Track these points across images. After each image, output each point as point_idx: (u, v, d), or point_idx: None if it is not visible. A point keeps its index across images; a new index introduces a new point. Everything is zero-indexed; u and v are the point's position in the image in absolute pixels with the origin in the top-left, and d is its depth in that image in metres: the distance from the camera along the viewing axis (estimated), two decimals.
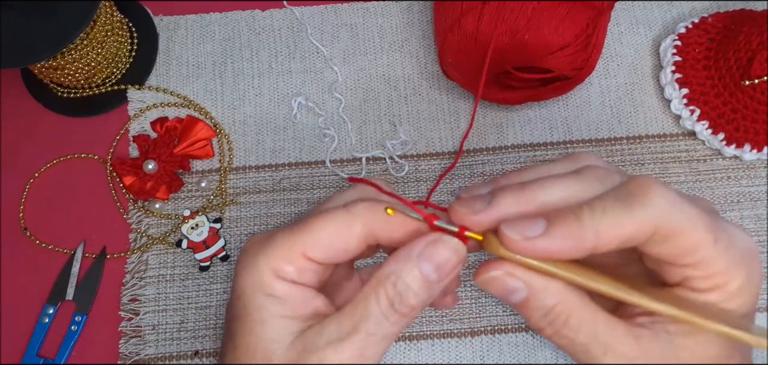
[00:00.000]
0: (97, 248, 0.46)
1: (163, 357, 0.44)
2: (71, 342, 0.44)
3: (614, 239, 0.27)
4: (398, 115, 0.50)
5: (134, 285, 0.45)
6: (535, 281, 0.28)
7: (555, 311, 0.29)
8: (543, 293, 0.28)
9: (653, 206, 0.27)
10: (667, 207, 0.27)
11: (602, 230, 0.27)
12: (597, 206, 0.27)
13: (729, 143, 0.47)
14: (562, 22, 0.43)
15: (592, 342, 0.29)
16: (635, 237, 0.27)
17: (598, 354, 0.29)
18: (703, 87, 0.48)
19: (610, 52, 0.51)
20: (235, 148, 0.49)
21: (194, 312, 0.45)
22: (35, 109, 0.50)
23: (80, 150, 0.49)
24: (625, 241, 0.27)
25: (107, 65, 0.49)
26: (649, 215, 0.27)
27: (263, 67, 0.51)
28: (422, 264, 0.29)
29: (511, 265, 0.28)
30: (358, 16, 0.52)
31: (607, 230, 0.27)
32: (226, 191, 0.48)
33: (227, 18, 0.52)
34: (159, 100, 0.50)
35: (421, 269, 0.29)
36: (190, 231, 0.46)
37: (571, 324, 0.29)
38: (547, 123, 0.49)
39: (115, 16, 0.48)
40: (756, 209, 0.47)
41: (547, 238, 0.27)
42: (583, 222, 0.27)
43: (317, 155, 0.49)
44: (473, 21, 0.44)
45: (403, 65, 0.51)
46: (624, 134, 0.49)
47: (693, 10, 0.52)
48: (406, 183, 0.48)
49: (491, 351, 0.44)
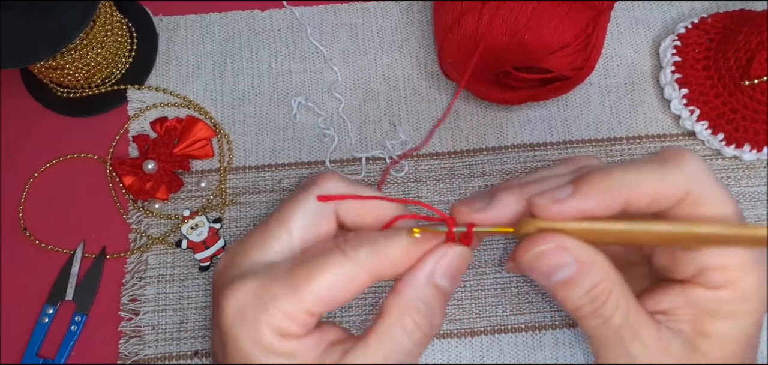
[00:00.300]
0: (97, 248, 0.46)
1: (163, 357, 0.44)
2: (71, 342, 0.44)
3: (646, 195, 0.27)
4: (398, 115, 0.50)
5: (134, 285, 0.45)
6: (584, 254, 0.28)
7: (599, 287, 0.28)
8: (591, 268, 0.28)
9: (687, 169, 0.27)
10: (700, 175, 0.28)
11: (635, 185, 0.27)
12: (629, 165, 0.28)
13: (728, 143, 0.47)
14: (562, 22, 0.43)
15: (624, 325, 0.28)
16: (667, 196, 0.27)
17: (627, 339, 0.28)
18: (702, 87, 0.48)
19: (609, 53, 0.51)
20: (235, 148, 0.49)
21: (194, 312, 0.45)
22: (35, 109, 0.50)
23: (80, 150, 0.49)
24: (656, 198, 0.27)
25: (107, 65, 0.49)
26: (683, 177, 0.27)
27: (263, 68, 0.51)
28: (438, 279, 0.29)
29: (564, 237, 0.27)
30: (358, 16, 0.52)
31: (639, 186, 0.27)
32: (226, 191, 0.48)
33: (227, 18, 0.52)
34: (159, 100, 0.50)
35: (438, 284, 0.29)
36: (190, 231, 0.46)
37: (610, 303, 0.28)
38: (547, 123, 0.49)
39: (114, 16, 0.48)
40: (756, 210, 0.47)
41: (577, 197, 0.27)
42: (613, 179, 0.27)
43: (317, 155, 0.49)
44: (473, 21, 0.44)
45: (402, 65, 0.51)
46: (623, 134, 0.49)
47: (693, 10, 0.52)
48: (405, 183, 0.48)
49: (491, 351, 0.44)
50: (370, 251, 0.28)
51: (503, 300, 0.45)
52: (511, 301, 0.45)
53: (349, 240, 0.29)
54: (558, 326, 0.44)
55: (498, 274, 0.45)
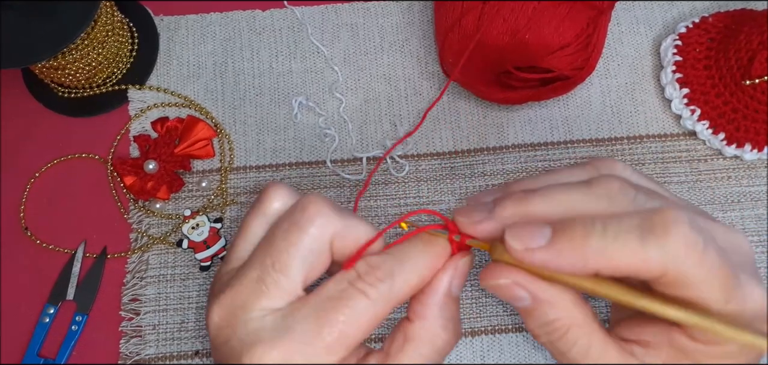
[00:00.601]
0: (98, 248, 0.46)
1: (164, 356, 0.44)
2: (72, 342, 0.44)
3: (620, 268, 0.26)
4: (399, 115, 0.50)
5: (135, 285, 0.45)
6: (540, 293, 0.28)
7: (554, 324, 0.28)
8: (547, 306, 0.28)
9: (669, 247, 0.25)
10: (684, 253, 0.25)
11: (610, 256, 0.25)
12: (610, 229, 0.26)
13: (729, 142, 0.47)
14: (563, 21, 0.43)
15: (582, 358, 0.28)
16: (642, 272, 0.26)
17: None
18: (703, 87, 0.48)
19: (610, 52, 0.51)
20: (236, 148, 0.49)
21: (195, 312, 0.45)
22: (36, 109, 0.50)
23: (81, 150, 0.49)
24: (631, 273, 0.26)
25: (108, 65, 0.49)
26: (662, 255, 0.25)
27: (264, 67, 0.51)
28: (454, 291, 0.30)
29: (518, 273, 0.28)
30: (359, 16, 0.52)
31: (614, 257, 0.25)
32: (227, 191, 0.48)
33: (228, 18, 0.52)
34: (160, 100, 0.50)
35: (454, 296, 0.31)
36: (191, 231, 0.46)
37: (567, 338, 0.28)
38: (548, 123, 0.49)
39: (115, 16, 0.48)
40: (756, 209, 0.47)
41: (550, 251, 0.26)
42: (591, 241, 0.26)
43: (318, 155, 0.49)
44: (474, 21, 0.44)
45: (403, 65, 0.51)
46: (624, 134, 0.49)
47: (693, 9, 0.52)
48: (406, 183, 0.48)
49: (491, 351, 0.44)
50: (389, 288, 0.29)
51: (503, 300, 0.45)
52: None
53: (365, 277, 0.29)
54: None
55: None
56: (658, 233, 0.25)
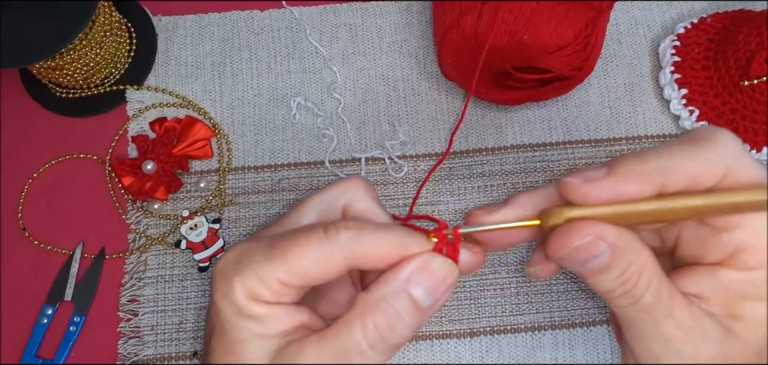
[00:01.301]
0: (96, 248, 0.46)
1: (162, 357, 0.44)
2: (70, 342, 0.44)
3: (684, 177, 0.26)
4: (397, 115, 0.50)
5: (133, 286, 0.45)
6: (619, 241, 0.27)
7: (630, 270, 0.27)
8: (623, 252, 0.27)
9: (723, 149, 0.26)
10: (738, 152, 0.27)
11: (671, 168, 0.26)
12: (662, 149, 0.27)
13: None
14: (561, 22, 0.43)
15: (656, 302, 0.27)
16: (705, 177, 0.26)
17: (659, 316, 0.27)
18: (702, 87, 0.48)
19: (609, 53, 0.51)
20: (234, 148, 0.49)
21: (193, 313, 0.45)
22: (34, 109, 0.50)
23: (79, 150, 0.49)
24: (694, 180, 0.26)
25: (106, 65, 0.49)
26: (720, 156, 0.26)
27: (262, 68, 0.51)
28: (413, 289, 0.27)
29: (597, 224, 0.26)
30: (357, 17, 0.52)
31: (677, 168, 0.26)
32: (225, 192, 0.48)
33: (226, 18, 0.52)
34: (158, 100, 0.50)
35: (412, 294, 0.28)
36: (189, 232, 0.46)
37: (641, 283, 0.27)
38: (547, 123, 0.49)
39: (113, 16, 0.48)
40: None
41: (611, 178, 0.26)
42: (649, 161, 0.26)
43: (316, 155, 0.49)
44: (472, 21, 0.44)
45: (402, 65, 0.51)
46: (623, 135, 0.49)
47: (692, 10, 0.52)
48: (405, 184, 0.48)
49: (491, 351, 0.44)
50: (351, 237, 0.27)
51: (502, 301, 0.45)
52: (510, 301, 0.45)
53: (337, 222, 0.28)
54: (557, 326, 0.44)
55: (497, 274, 0.45)
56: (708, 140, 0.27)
